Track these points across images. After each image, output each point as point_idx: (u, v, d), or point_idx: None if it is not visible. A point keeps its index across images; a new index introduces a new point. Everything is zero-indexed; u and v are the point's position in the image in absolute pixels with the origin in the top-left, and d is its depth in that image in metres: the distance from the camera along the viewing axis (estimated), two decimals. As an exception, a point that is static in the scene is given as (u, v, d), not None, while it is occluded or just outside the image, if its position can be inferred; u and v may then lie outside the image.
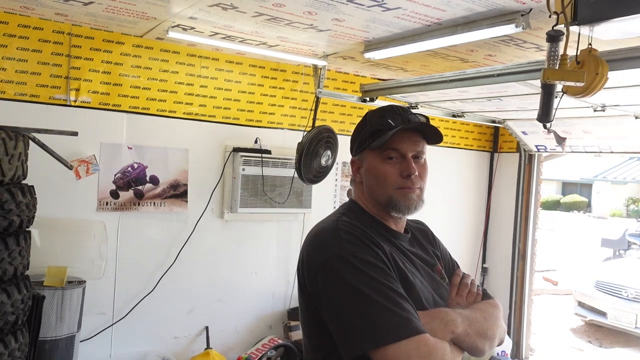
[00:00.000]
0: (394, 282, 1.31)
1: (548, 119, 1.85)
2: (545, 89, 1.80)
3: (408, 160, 1.46)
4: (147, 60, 3.85)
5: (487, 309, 1.50)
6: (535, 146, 5.37)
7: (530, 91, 3.57)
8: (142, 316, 3.91)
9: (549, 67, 1.73)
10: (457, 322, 1.37)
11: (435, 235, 1.72)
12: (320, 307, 1.36)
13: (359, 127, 1.57)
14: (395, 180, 1.46)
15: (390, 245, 1.45)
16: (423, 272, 1.50)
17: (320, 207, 4.62)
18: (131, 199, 3.84)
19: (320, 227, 1.47)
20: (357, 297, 1.26)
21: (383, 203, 1.49)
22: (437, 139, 1.49)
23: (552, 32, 1.73)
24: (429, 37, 3.20)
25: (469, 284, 1.58)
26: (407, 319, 1.25)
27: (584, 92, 1.86)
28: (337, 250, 1.34)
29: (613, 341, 7.33)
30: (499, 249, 5.86)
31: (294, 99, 4.53)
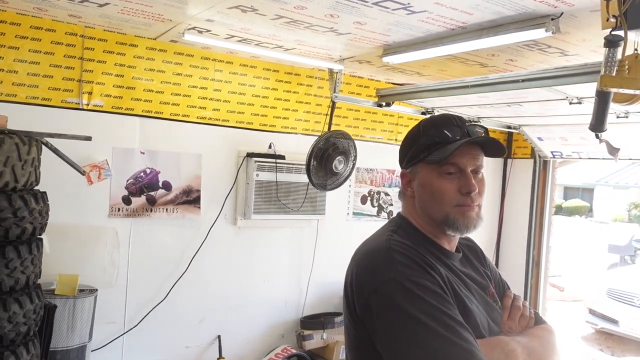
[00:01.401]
0: (452, 310, 1.22)
1: (602, 128, 1.76)
2: (600, 97, 1.71)
3: (468, 176, 1.36)
4: (161, 63, 3.77)
5: (544, 336, 1.42)
6: (550, 152, 5.29)
7: (552, 97, 3.49)
8: (153, 325, 3.83)
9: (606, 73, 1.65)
10: (517, 352, 1.29)
11: (484, 253, 1.63)
12: (373, 335, 1.25)
13: (413, 138, 1.46)
14: (453, 197, 1.36)
15: (444, 268, 1.36)
16: (477, 295, 1.41)
17: (333, 213, 4.54)
18: (143, 205, 3.76)
19: (371, 246, 1.37)
20: (415, 326, 1.17)
21: (438, 221, 1.39)
22: (499, 152, 1.40)
23: (611, 37, 1.64)
24: (452, 41, 3.12)
25: (521, 307, 1.49)
26: (469, 351, 1.15)
27: (631, 100, 1.77)
28: (392, 274, 1.24)
29: (625, 350, 7.23)
30: (512, 256, 5.77)
31: (308, 104, 4.45)
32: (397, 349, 1.19)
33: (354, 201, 4.78)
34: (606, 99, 1.71)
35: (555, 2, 2.46)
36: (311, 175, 3.84)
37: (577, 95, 3.35)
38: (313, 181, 3.88)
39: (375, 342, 1.24)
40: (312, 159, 3.88)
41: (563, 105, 3.62)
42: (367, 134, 4.82)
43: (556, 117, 4.39)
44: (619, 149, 2.06)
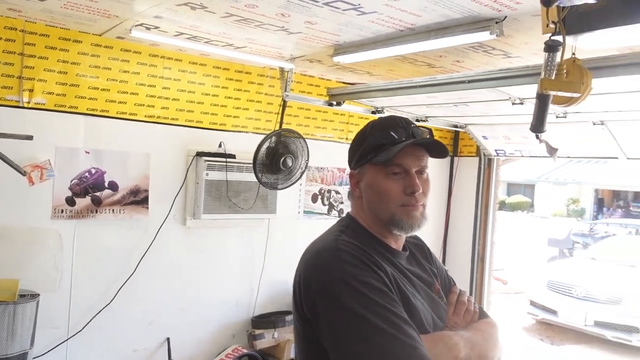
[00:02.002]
0: (397, 307, 1.25)
1: (542, 129, 1.84)
2: (540, 100, 1.79)
3: (412, 177, 1.41)
4: (107, 60, 3.66)
5: (486, 330, 1.48)
6: (494, 150, 5.46)
7: (497, 97, 3.61)
8: (99, 329, 3.72)
9: (546, 77, 1.72)
10: (460, 346, 1.33)
11: (430, 250, 1.68)
12: (319, 333, 1.28)
13: (359, 140, 1.49)
14: (398, 198, 1.41)
15: (391, 266, 1.40)
16: (422, 292, 1.46)
17: (284, 212, 4.53)
18: (88, 206, 3.64)
19: (319, 246, 1.39)
20: (361, 323, 1.19)
21: (385, 220, 1.43)
22: (442, 153, 1.44)
23: (550, 42, 1.72)
24: (401, 42, 3.17)
25: (466, 302, 1.54)
26: (413, 347, 1.19)
27: (569, 102, 1.86)
28: (338, 273, 1.26)
29: (564, 339, 7.58)
30: (458, 252, 5.93)
31: (259, 102, 4.43)
32: (342, 346, 1.21)
33: (304, 200, 4.79)
34: (546, 101, 1.79)
35: (500, 6, 2.54)
36: (258, 174, 3.83)
37: (519, 96, 3.48)
38: (262, 180, 3.87)
39: (322, 340, 1.27)
40: (263, 158, 3.87)
41: (506, 105, 3.75)
42: (318, 132, 4.84)
43: (500, 116, 4.55)
44: (557, 149, 2.15)
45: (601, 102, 3.54)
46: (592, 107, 3.74)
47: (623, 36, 2.00)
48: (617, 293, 7.30)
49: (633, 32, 1.94)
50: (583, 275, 8.05)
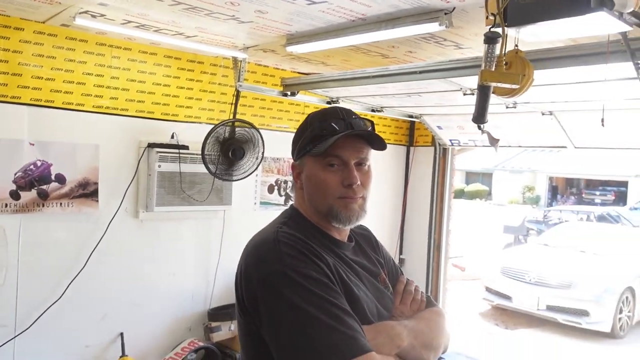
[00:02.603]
0: (338, 298, 1.25)
1: (483, 120, 1.87)
2: (481, 91, 1.82)
3: (350, 169, 1.40)
4: (51, 49, 3.52)
5: (432, 318, 1.49)
6: (449, 140, 5.54)
7: (449, 88, 3.65)
8: (49, 326, 3.61)
9: (486, 68, 1.74)
10: (403, 335, 1.34)
11: (378, 240, 1.68)
12: (260, 326, 1.27)
13: (300, 131, 1.48)
14: (336, 190, 1.39)
15: (333, 257, 1.39)
16: (367, 282, 1.45)
17: (240, 203, 4.50)
18: (34, 199, 3.53)
19: (259, 238, 1.38)
20: (300, 315, 1.19)
21: (324, 212, 1.42)
22: (381, 146, 1.44)
23: (490, 33, 1.74)
24: (353, 32, 3.17)
25: (413, 292, 1.55)
26: (352, 338, 1.19)
27: (511, 93, 1.89)
28: (278, 265, 1.25)
29: (517, 323, 7.80)
30: (415, 240, 6.01)
31: (212, 92, 4.36)
32: (282, 339, 1.21)
33: (261, 191, 4.76)
34: (486, 92, 1.81)
35: (448, -3, 2.56)
36: (208, 165, 3.78)
37: (470, 87, 3.53)
38: (212, 171, 3.83)
39: (263, 333, 1.26)
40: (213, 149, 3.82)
41: (458, 96, 3.80)
42: (274, 123, 4.80)
43: (453, 107, 4.61)
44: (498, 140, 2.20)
45: (549, 93, 3.63)
46: (541, 97, 3.84)
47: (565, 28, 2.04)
48: (568, 278, 7.55)
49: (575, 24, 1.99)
50: (536, 261, 8.29)
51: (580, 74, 2.83)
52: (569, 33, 2.01)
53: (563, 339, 7.17)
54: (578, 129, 4.45)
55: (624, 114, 3.98)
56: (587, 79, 2.94)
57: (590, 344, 7.05)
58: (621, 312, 7.36)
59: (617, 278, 7.57)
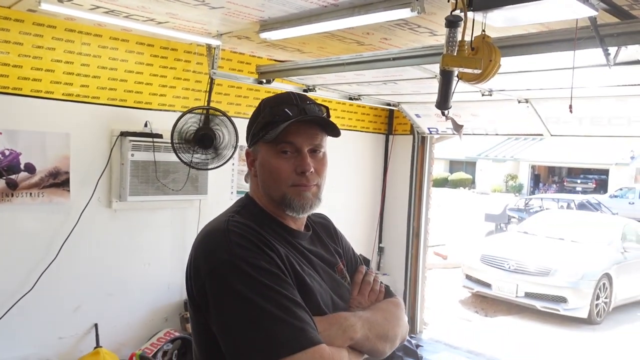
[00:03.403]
0: (289, 289, 1.21)
1: (446, 106, 1.85)
2: (444, 76, 1.80)
3: (303, 155, 1.35)
4: (17, 35, 3.44)
5: (388, 309, 1.46)
6: (427, 128, 5.54)
7: (424, 75, 3.64)
8: (20, 317, 3.56)
9: (448, 53, 1.72)
10: (357, 327, 1.31)
11: (337, 229, 1.64)
12: (209, 318, 1.23)
13: (253, 117, 1.44)
14: (289, 177, 1.35)
15: (287, 247, 1.35)
16: (323, 273, 1.42)
17: (216, 192, 4.46)
18: (3, 189, 3.45)
19: (210, 228, 1.33)
20: (248, 307, 1.16)
21: (277, 200, 1.38)
22: (335, 132, 1.40)
23: (451, 17, 1.71)
24: (326, 18, 3.12)
25: (372, 282, 1.52)
26: (302, 330, 1.16)
27: (478, 79, 1.88)
28: (227, 256, 1.21)
29: (497, 310, 7.87)
30: (394, 229, 6.02)
31: (186, 80, 4.29)
32: (229, 331, 1.18)
33: (237, 180, 4.72)
34: (449, 77, 1.79)
35: (419, -18, 2.53)
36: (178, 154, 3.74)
37: (445, 74, 3.51)
38: (184, 160, 3.79)
39: (211, 325, 1.23)
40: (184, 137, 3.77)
41: (435, 83, 3.79)
42: (250, 111, 4.68)
43: (431, 94, 4.59)
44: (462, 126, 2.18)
45: (523, 80, 3.63)
46: (516, 85, 3.84)
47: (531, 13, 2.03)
48: (546, 265, 7.62)
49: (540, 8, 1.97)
50: (515, 249, 8.35)
51: (552, 60, 2.83)
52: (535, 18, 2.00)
53: (541, 326, 7.24)
54: (553, 117, 4.46)
55: (597, 101, 4.00)
56: (559, 66, 2.94)
57: (568, 330, 7.13)
58: (598, 298, 7.46)
59: (594, 265, 7.65)
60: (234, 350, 1.17)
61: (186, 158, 3.79)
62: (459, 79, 1.97)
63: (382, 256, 6.13)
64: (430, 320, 6.23)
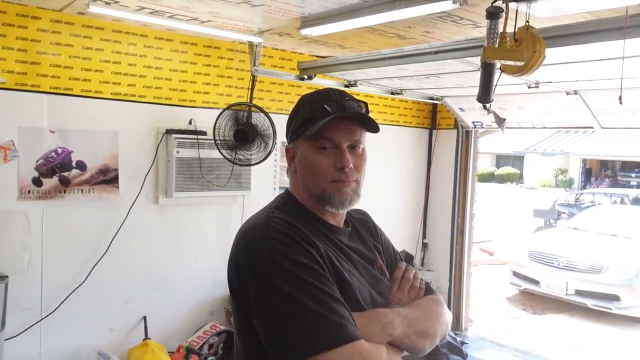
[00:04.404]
0: (328, 285, 1.22)
1: (488, 99, 1.82)
2: (485, 68, 1.76)
3: (342, 151, 1.35)
4: (68, 37, 3.57)
5: (428, 306, 1.45)
6: (472, 122, 5.44)
7: (467, 68, 3.57)
8: (73, 309, 3.71)
9: (489, 45, 1.68)
10: (396, 323, 1.30)
11: (377, 225, 1.63)
12: (249, 312, 1.25)
13: (293, 113, 1.45)
14: (328, 173, 1.35)
15: (326, 242, 1.35)
16: (362, 269, 1.41)
17: (259, 188, 4.51)
18: (56, 186, 3.60)
19: (250, 223, 1.35)
20: (288, 302, 1.17)
21: (317, 196, 1.38)
22: (374, 128, 1.40)
23: (492, 8, 1.68)
24: (366, 13, 3.11)
25: (411, 279, 1.51)
26: (340, 325, 1.16)
27: (522, 71, 1.83)
28: (267, 251, 1.23)
29: (545, 308, 7.67)
30: (438, 224, 5.95)
31: (229, 78, 4.36)
32: (269, 325, 1.19)
33: (280, 175, 4.76)
34: (490, 70, 1.75)
35: (461, -26, 2.49)
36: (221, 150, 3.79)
37: (489, 67, 3.43)
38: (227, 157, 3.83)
39: (252, 319, 1.24)
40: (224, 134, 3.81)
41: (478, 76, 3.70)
42: (291, 107, 4.76)
43: (475, 88, 4.46)
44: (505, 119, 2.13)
45: (572, 71, 3.52)
46: (564, 76, 3.72)
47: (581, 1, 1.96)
48: (597, 262, 7.36)
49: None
50: (565, 245, 8.10)
51: (601, 50, 2.72)
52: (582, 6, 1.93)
53: (593, 325, 7.01)
54: (604, 109, 4.30)
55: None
56: (609, 56, 2.83)
57: (621, 329, 6.87)
58: (654, 296, 7.17)
59: (649, 262, 7.35)
60: (274, 345, 1.18)
61: (229, 154, 3.84)
62: (502, 71, 1.92)
63: (426, 252, 6.07)
64: (475, 318, 6.13)
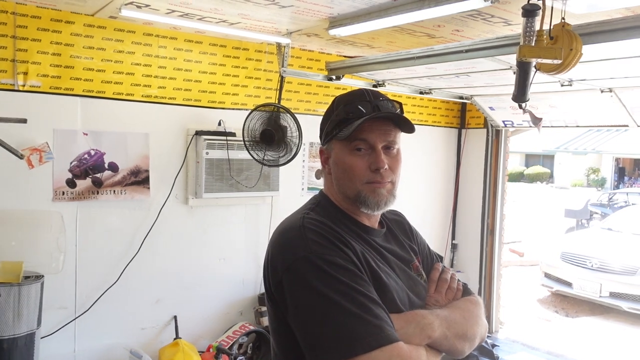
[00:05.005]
0: (365, 286, 1.20)
1: (524, 99, 1.78)
2: (521, 67, 1.72)
3: (377, 152, 1.34)
4: (100, 41, 3.63)
5: (467, 308, 1.42)
6: (502, 121, 5.35)
7: (498, 67, 3.51)
8: (106, 308, 3.77)
9: (525, 44, 1.65)
10: (434, 325, 1.28)
11: (412, 226, 1.61)
12: (286, 314, 1.25)
13: (327, 115, 1.43)
14: (363, 174, 1.34)
15: (362, 244, 1.34)
16: (398, 270, 1.40)
17: (288, 189, 4.52)
18: (89, 187, 3.66)
19: (286, 225, 1.35)
20: (325, 303, 1.16)
21: (352, 198, 1.37)
22: (409, 128, 1.38)
23: (528, 6, 1.64)
24: (395, 12, 3.09)
25: (449, 280, 1.48)
26: (379, 327, 1.15)
27: (558, 69, 1.79)
28: (303, 252, 1.22)
29: (579, 310, 7.50)
30: (468, 225, 5.87)
31: (258, 79, 4.38)
32: (306, 327, 1.19)
33: (308, 176, 4.76)
34: (526, 69, 1.71)
35: (492, -29, 2.45)
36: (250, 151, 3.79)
37: (521, 65, 3.37)
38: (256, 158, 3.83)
39: (289, 320, 1.24)
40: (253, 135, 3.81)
41: (509, 74, 3.65)
42: (320, 108, 4.78)
43: (505, 86, 4.43)
44: (541, 119, 2.08)
45: (607, 68, 3.43)
46: (598, 73, 3.63)
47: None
48: (632, 263, 7.17)
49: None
50: (598, 246, 7.91)
51: (638, 47, 2.64)
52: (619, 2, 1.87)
53: (628, 328, 6.83)
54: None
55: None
56: (647, 52, 2.75)
57: (659, 333, 6.70)
58: (692, 299, 6.95)
59: (687, 263, 7.13)
60: (312, 347, 1.17)
61: (258, 155, 3.85)
62: (537, 69, 1.88)
63: (455, 253, 6.00)
64: (506, 320, 6.03)
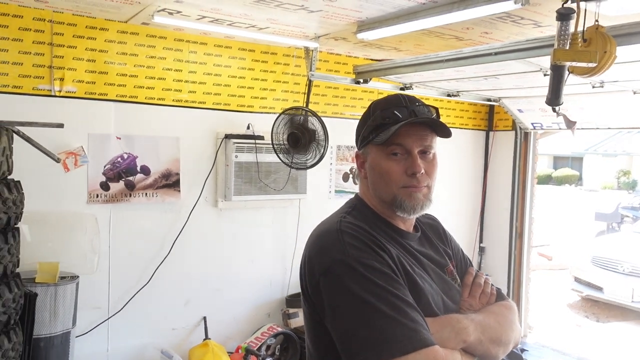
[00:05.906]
0: (401, 289, 1.22)
1: (558, 102, 1.77)
2: (555, 71, 1.71)
3: (414, 157, 1.35)
4: (133, 47, 3.72)
5: (501, 312, 1.42)
6: (531, 124, 5.30)
7: (527, 69, 3.49)
8: (138, 309, 3.85)
9: (560, 47, 1.64)
10: (469, 330, 1.29)
11: (446, 230, 1.62)
12: (322, 315, 1.27)
13: (363, 120, 1.46)
14: (400, 179, 1.36)
15: (397, 247, 1.36)
16: (433, 274, 1.41)
17: (315, 192, 4.55)
18: (122, 190, 3.75)
19: (323, 228, 1.37)
20: (362, 306, 1.18)
21: (388, 202, 1.39)
22: (445, 133, 1.39)
23: (563, 9, 1.63)
24: (424, 15, 3.09)
25: (482, 284, 1.49)
26: (415, 330, 1.16)
27: (592, 72, 1.77)
28: (340, 256, 1.24)
29: (610, 315, 7.36)
30: (496, 228, 5.82)
31: (285, 83, 4.42)
32: (343, 329, 1.20)
33: (335, 179, 4.78)
34: (560, 72, 1.71)
35: (523, -27, 2.44)
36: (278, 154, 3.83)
37: (551, 67, 3.34)
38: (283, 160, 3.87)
39: (325, 323, 1.26)
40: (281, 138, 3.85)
41: (539, 76, 3.62)
42: (347, 111, 4.80)
43: (534, 88, 4.39)
44: (575, 122, 2.06)
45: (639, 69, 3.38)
46: (631, 75, 3.58)
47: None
48: (666, 268, 7.02)
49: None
50: (630, 250, 7.76)
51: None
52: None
53: (661, 334, 6.69)
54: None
55: None
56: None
57: (693, 339, 6.53)
58: None
59: None
60: (348, 349, 1.19)
61: (286, 158, 3.88)
62: (570, 72, 1.87)
63: (483, 256, 5.95)
64: (535, 324, 5.96)
